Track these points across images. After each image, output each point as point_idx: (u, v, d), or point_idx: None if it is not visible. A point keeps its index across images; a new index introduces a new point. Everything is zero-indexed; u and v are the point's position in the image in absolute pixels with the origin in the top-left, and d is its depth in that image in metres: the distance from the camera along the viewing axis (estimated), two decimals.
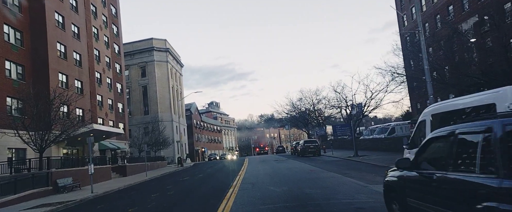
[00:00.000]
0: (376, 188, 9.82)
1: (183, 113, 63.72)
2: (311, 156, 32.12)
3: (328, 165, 20.49)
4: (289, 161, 27.41)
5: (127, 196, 15.17)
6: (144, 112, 54.61)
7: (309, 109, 48.56)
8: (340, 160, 24.61)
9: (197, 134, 71.01)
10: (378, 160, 20.52)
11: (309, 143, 32.76)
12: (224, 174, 21.04)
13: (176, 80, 61.23)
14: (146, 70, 55.07)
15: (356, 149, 25.00)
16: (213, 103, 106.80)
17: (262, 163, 28.67)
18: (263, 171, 20.16)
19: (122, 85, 42.85)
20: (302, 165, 21.91)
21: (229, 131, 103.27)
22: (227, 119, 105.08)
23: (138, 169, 31.37)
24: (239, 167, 26.01)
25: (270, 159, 33.36)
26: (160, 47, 55.45)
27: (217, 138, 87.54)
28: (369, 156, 24.22)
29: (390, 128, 32.69)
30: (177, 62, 62.62)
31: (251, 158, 42.10)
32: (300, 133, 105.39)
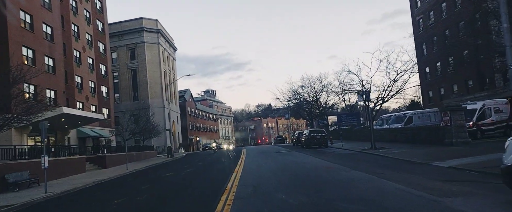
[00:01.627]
0: (459, 205, 6.03)
1: (176, 99, 59.69)
2: (316, 148, 28.42)
3: (346, 160, 16.73)
4: (294, 154, 23.66)
5: (83, 199, 11.35)
6: (134, 98, 50.56)
7: (313, 97, 44.65)
8: (355, 153, 20.87)
9: (191, 122, 67.15)
10: (405, 154, 16.79)
11: (316, 133, 28.98)
12: (217, 170, 17.25)
13: (169, 64, 57.00)
14: (135, 52, 50.78)
15: (372, 140, 21.25)
16: (209, 91, 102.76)
17: (262, 155, 24.92)
18: (265, 166, 16.38)
19: (107, 67, 38.68)
20: (312, 160, 18.14)
21: (225, 120, 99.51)
22: (223, 107, 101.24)
23: (121, 159, 27.58)
24: (236, 159, 22.26)
25: (271, 151, 29.62)
26: (150, 28, 51.04)
27: (212, 127, 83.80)
28: (389, 149, 20.48)
29: (407, 116, 28.91)
30: (169, 45, 58.26)
31: (249, 149, 38.40)
32: (300, 122, 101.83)
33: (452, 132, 17.52)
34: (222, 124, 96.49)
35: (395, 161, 15.02)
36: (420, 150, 17.69)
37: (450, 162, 12.43)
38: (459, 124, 17.51)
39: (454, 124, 17.53)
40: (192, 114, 68.36)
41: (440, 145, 18.36)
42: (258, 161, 19.98)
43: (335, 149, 25.73)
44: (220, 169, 17.39)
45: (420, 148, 18.88)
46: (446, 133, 17.93)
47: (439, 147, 17.73)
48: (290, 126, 75.73)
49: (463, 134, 17.53)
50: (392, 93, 21.88)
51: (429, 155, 15.17)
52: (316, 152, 23.68)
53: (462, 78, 38.72)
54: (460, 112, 17.64)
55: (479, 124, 18.94)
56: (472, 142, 17.49)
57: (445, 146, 17.81)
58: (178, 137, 57.66)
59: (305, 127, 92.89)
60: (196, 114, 71.05)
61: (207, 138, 77.70)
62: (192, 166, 21.05)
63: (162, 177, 16.23)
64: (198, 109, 73.23)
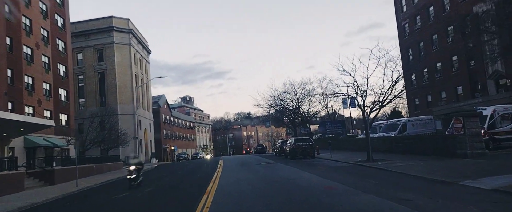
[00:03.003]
0: None
1: (149, 105, 55.39)
2: (302, 158, 25.35)
3: (345, 176, 13.67)
4: (279, 166, 20.45)
5: None
6: (101, 103, 46.00)
7: (295, 104, 41.76)
8: (350, 166, 17.88)
9: (165, 130, 62.77)
10: (416, 169, 13.96)
11: (302, 141, 25.94)
12: (184, 190, 13.75)
13: (141, 67, 52.83)
14: (103, 53, 46.42)
15: (370, 151, 18.38)
16: (187, 98, 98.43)
17: (242, 168, 21.54)
18: (246, 184, 13.05)
19: (68, 67, 34.32)
20: (303, 174, 14.96)
21: (203, 128, 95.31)
22: (201, 115, 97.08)
23: (81, 172, 23.47)
24: (211, 173, 18.78)
25: (251, 162, 26.28)
26: (121, 28, 46.93)
27: (189, 136, 79.46)
28: (390, 160, 17.68)
29: (400, 124, 26.47)
30: (143, 47, 54.17)
31: (227, 159, 34.87)
32: (280, 131, 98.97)
33: (466, 142, 14.87)
34: (200, 132, 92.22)
35: (409, 178, 12.07)
36: (431, 163, 14.91)
37: (487, 181, 9.59)
38: (475, 132, 14.92)
39: (469, 132, 14.90)
40: (167, 121, 64.05)
41: (451, 157, 15.68)
42: (237, 175, 16.61)
43: (324, 161, 22.73)
44: (189, 188, 13.91)
45: (427, 160, 16.15)
46: (459, 142, 15.27)
47: (452, 160, 15.02)
48: (271, 134, 72.70)
49: (479, 144, 14.93)
50: (390, 96, 19.14)
51: (448, 170, 12.36)
52: (304, 164, 20.57)
53: (451, 85, 37.08)
54: (475, 118, 15.07)
55: (491, 132, 16.42)
56: (490, 154, 14.89)
57: (458, 158, 15.13)
58: (150, 146, 53.25)
59: (285, 136, 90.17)
60: (171, 121, 66.73)
61: (183, 147, 73.28)
62: (156, 182, 17.38)
63: (111, 200, 12.54)
64: (173, 116, 68.94)
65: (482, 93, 32.17)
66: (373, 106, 19.49)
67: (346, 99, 44.78)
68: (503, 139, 16.08)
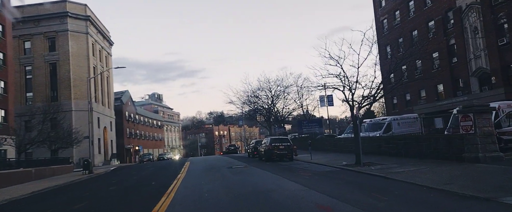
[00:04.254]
0: None
1: (110, 102, 50.46)
2: (278, 160, 22.36)
3: (341, 188, 10.72)
4: (253, 171, 17.27)
5: None
6: (52, 98, 40.81)
7: (270, 102, 38.78)
8: (338, 172, 15.01)
9: (129, 129, 57.85)
10: (419, 175, 11.34)
11: (279, 142, 22.91)
12: (129, 206, 10.23)
13: (102, 59, 47.86)
14: (56, 42, 41.22)
15: (360, 153, 15.62)
16: (155, 95, 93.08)
17: (208, 173, 18.16)
18: (211, 199, 9.74)
19: (7, 55, 29.33)
20: (283, 184, 11.85)
21: (172, 127, 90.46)
22: (170, 113, 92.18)
23: (11, 179, 19.30)
24: (170, 180, 15.29)
25: (221, 165, 22.92)
26: (77, 14, 41.89)
27: (157, 135, 74.59)
28: (383, 164, 15.04)
29: (386, 123, 24.16)
30: (103, 37, 49.16)
31: (195, 161, 31.26)
32: (253, 131, 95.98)
33: (477, 143, 12.39)
34: (169, 132, 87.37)
35: (425, 192, 9.26)
36: (439, 170, 12.32)
37: None
38: (487, 131, 12.48)
39: (481, 132, 12.43)
40: (131, 119, 59.11)
41: (459, 161, 13.21)
42: (201, 184, 13.25)
43: (305, 164, 19.82)
44: (136, 202, 10.40)
45: (429, 164, 13.59)
46: (468, 144, 12.77)
47: (462, 165, 12.50)
48: (244, 134, 69.54)
49: (493, 146, 12.52)
50: (380, 91, 16.52)
51: (469, 180, 9.72)
52: (283, 169, 17.52)
53: (431, 83, 35.56)
54: (487, 115, 12.64)
55: (496, 132, 14.11)
56: (505, 158, 12.50)
57: (468, 163, 12.65)
58: (111, 146, 48.39)
59: (258, 136, 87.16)
60: (136, 119, 61.77)
61: (150, 147, 68.44)
62: (99, 193, 13.67)
63: None
64: (139, 113, 63.98)
65: (466, 91, 30.73)
66: (362, 100, 16.79)
67: (324, 97, 42.66)
68: (509, 139, 13.78)
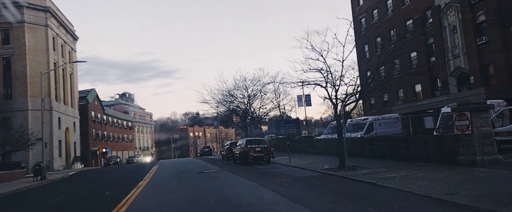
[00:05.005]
0: None
1: (74, 101, 46.80)
2: (254, 163, 20.60)
3: (330, 199, 9.09)
4: (226, 177, 15.40)
5: None
6: (5, 95, 36.99)
7: (247, 102, 36.92)
8: (323, 178, 13.42)
9: (96, 130, 54.18)
10: (413, 181, 9.99)
11: (255, 143, 21.13)
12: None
13: (64, 55, 44.22)
14: (10, 35, 37.43)
15: (345, 156, 14.12)
16: (126, 95, 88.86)
17: (176, 179, 16.11)
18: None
19: None
20: (260, 194, 10.08)
21: (144, 128, 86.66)
22: (142, 114, 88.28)
23: None
24: (129, 187, 13.13)
25: (192, 169, 20.85)
26: (35, 4, 38.26)
27: (127, 136, 70.84)
28: (370, 168, 13.64)
29: (367, 123, 23.01)
30: (66, 31, 45.51)
31: (165, 165, 28.90)
32: (229, 132, 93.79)
33: (474, 145, 11.16)
34: (140, 133, 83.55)
35: (426, 203, 7.78)
36: (435, 175, 11.01)
37: None
38: (485, 131, 11.29)
39: (478, 132, 11.21)
40: (98, 119, 55.44)
41: (453, 165, 11.99)
42: (162, 195, 11.24)
43: (283, 168, 18.16)
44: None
45: (421, 168, 12.29)
46: (463, 145, 11.53)
47: (458, 169, 11.25)
48: (219, 135, 67.32)
49: (490, 148, 11.34)
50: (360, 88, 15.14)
51: (474, 188, 8.36)
52: (259, 173, 15.78)
53: (409, 82, 35.07)
54: (485, 113, 11.46)
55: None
56: (504, 161, 11.34)
57: (464, 167, 11.42)
58: (74, 149, 44.79)
59: (235, 137, 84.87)
60: (104, 119, 58.08)
61: (119, 149, 64.78)
62: (33, 208, 11.31)
63: None
64: (107, 114, 60.25)
65: (445, 91, 30.31)
66: (346, 98, 15.35)
67: (301, 97, 41.41)
68: (505, 140, 12.74)
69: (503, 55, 25.31)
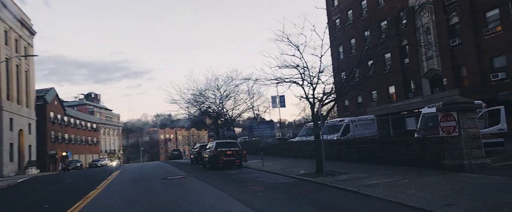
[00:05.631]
0: None
1: (30, 101, 43.01)
2: (224, 168, 19.08)
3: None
4: (191, 184, 13.76)
5: None
6: None
7: (219, 102, 35.18)
8: (300, 185, 12.12)
9: (55, 132, 50.30)
10: (399, 189, 8.97)
11: (226, 146, 19.58)
12: None
13: (19, 50, 40.51)
14: None
15: (322, 160, 12.91)
16: (92, 95, 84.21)
17: (134, 186, 14.27)
18: None
19: None
20: (232, 209, 8.56)
21: (111, 130, 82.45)
22: (109, 115, 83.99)
23: None
24: (78, 197, 11.19)
25: (156, 174, 18.98)
26: None
27: (91, 139, 66.79)
28: (349, 173, 12.53)
29: (343, 125, 22.11)
30: (22, 25, 41.78)
31: (127, 170, 26.64)
32: (202, 134, 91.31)
33: (462, 148, 10.27)
34: (107, 135, 79.33)
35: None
36: (421, 182, 10.01)
37: None
38: (473, 133, 10.44)
39: (465, 134, 10.34)
40: (58, 121, 51.55)
41: (437, 169, 11.10)
42: (111, 209, 9.46)
43: (256, 173, 16.75)
44: None
45: (404, 173, 11.29)
46: (450, 148, 10.63)
47: (446, 175, 10.32)
48: (191, 137, 64.94)
49: (478, 151, 10.50)
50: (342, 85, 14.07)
51: (473, 199, 7.31)
52: (230, 180, 14.27)
53: (383, 84, 34.89)
54: (472, 114, 10.62)
55: None
56: (493, 165, 10.53)
57: (451, 172, 10.52)
58: (29, 152, 41.07)
59: (208, 139, 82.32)
60: (64, 121, 54.15)
61: (83, 152, 60.82)
62: None
63: None
64: (69, 115, 56.30)
65: (420, 93, 30.18)
66: (324, 97, 14.19)
67: (276, 98, 40.28)
68: (488, 143, 12.02)
69: (475, 57, 25.38)
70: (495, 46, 24.13)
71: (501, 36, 23.66)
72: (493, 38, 24.26)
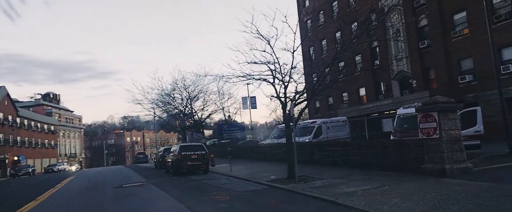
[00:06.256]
0: None
1: None
2: (187, 174, 17.58)
3: None
4: (149, 193, 12.15)
5: None
6: None
7: (186, 103, 33.36)
8: (269, 192, 10.91)
9: (5, 134, 46.01)
10: (380, 199, 8.08)
11: (190, 150, 17.99)
12: None
13: None
14: None
15: (295, 165, 11.80)
16: (50, 95, 78.72)
17: (82, 196, 12.45)
18: None
19: None
20: None
21: (72, 133, 77.52)
22: (69, 116, 78.95)
23: None
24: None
25: (112, 181, 17.08)
26: None
27: (48, 142, 62.14)
28: (323, 179, 11.53)
29: (315, 127, 21.25)
30: None
31: (81, 176, 24.27)
32: (171, 136, 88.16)
33: (443, 151, 9.53)
34: (66, 138, 74.41)
35: None
36: (402, 189, 9.13)
37: None
38: (455, 135, 9.75)
39: (447, 136, 9.61)
40: (9, 122, 47.24)
41: (416, 174, 10.33)
42: None
43: (223, 179, 15.38)
44: None
45: (382, 179, 10.42)
46: (429, 152, 9.88)
47: (427, 181, 9.52)
48: (156, 140, 62.26)
49: (460, 155, 9.81)
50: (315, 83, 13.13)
51: (465, 209, 6.41)
52: (192, 188, 12.82)
53: (354, 86, 34.74)
54: (453, 114, 9.92)
55: None
56: (475, 170, 9.87)
57: (432, 177, 9.75)
58: None
59: (177, 142, 79.24)
60: (17, 122, 49.79)
61: (39, 156, 56.32)
62: None
63: None
64: (22, 116, 51.88)
65: (390, 95, 30.15)
66: (297, 96, 13.15)
67: (246, 99, 39.04)
68: (464, 145, 11.42)
69: (443, 59, 25.55)
70: (462, 48, 24.38)
71: (468, 38, 23.93)
72: (461, 40, 24.51)
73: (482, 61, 22.40)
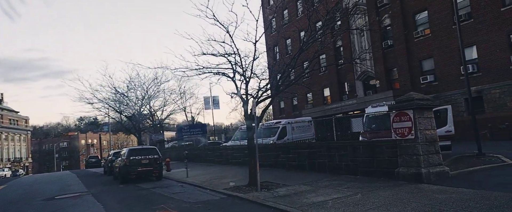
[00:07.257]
0: None
1: None
2: (141, 180, 15.63)
3: None
4: (83, 208, 10.14)
5: None
6: None
7: (145, 102, 30.78)
8: (227, 202, 9.42)
9: None
10: (356, 210, 6.70)
11: (141, 154, 15.96)
12: None
13: None
14: None
15: (257, 170, 10.40)
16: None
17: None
18: None
19: None
20: None
21: (16, 136, 70.75)
22: (14, 117, 72.04)
23: None
24: None
25: (45, 192, 14.66)
26: None
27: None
28: (289, 186, 10.29)
29: (280, 127, 20.05)
30: None
31: (17, 183, 21.17)
32: (132, 138, 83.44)
33: (419, 154, 8.60)
34: (10, 141, 67.72)
35: None
36: (378, 197, 8.00)
37: None
38: (430, 136, 8.85)
39: (422, 137, 8.69)
40: None
41: (389, 179, 9.36)
42: None
43: (176, 186, 13.62)
44: None
45: (353, 186, 9.32)
46: (404, 154, 8.92)
47: (403, 187, 8.52)
48: (112, 143, 58.24)
49: (436, 158, 8.94)
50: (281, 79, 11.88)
51: None
52: (138, 199, 10.96)
53: (318, 86, 34.18)
54: (429, 112, 9.04)
55: None
56: (452, 174, 9.03)
57: (407, 183, 8.79)
58: None
59: (138, 144, 74.19)
60: None
61: None
62: None
63: None
64: None
65: (355, 95, 29.84)
66: (259, 93, 11.78)
67: (209, 99, 37.20)
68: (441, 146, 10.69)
69: (406, 60, 25.56)
70: (424, 49, 24.48)
71: (430, 39, 24.05)
72: (422, 41, 24.60)
73: (443, 61, 22.51)
